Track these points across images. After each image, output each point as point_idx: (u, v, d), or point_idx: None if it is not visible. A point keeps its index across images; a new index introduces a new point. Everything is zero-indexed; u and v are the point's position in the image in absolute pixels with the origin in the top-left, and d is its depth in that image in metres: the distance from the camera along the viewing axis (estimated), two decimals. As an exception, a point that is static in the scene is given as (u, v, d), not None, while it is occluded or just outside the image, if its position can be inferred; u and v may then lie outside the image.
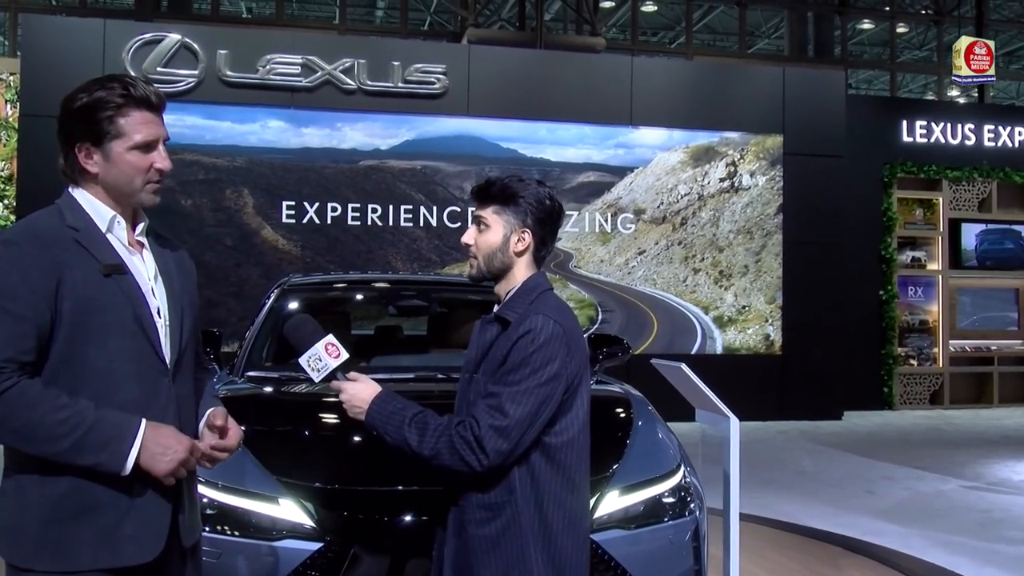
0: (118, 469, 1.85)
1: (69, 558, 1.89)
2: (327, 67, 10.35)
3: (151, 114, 2.01)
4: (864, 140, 12.27)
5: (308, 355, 2.18)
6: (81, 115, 1.94)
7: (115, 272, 1.95)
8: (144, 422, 1.87)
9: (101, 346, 1.90)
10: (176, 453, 1.89)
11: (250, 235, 10.25)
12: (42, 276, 1.86)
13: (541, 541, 2.11)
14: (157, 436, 1.88)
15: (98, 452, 1.83)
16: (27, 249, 1.88)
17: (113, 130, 1.95)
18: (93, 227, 1.97)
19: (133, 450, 1.84)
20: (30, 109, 9.84)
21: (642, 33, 18.65)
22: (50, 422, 1.81)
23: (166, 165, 2.03)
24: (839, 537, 5.82)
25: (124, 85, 1.98)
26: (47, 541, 1.89)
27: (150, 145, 1.99)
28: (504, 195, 2.25)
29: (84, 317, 1.89)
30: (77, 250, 1.92)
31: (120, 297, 1.94)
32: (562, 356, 2.12)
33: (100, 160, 1.97)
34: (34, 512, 1.89)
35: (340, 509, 2.89)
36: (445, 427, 2.10)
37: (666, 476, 3.19)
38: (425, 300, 5.19)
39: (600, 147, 11.13)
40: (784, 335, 11.37)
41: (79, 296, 1.89)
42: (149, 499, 1.95)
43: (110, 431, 1.84)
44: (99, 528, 1.90)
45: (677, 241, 11.25)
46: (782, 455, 8.92)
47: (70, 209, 1.98)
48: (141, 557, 1.94)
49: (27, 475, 1.91)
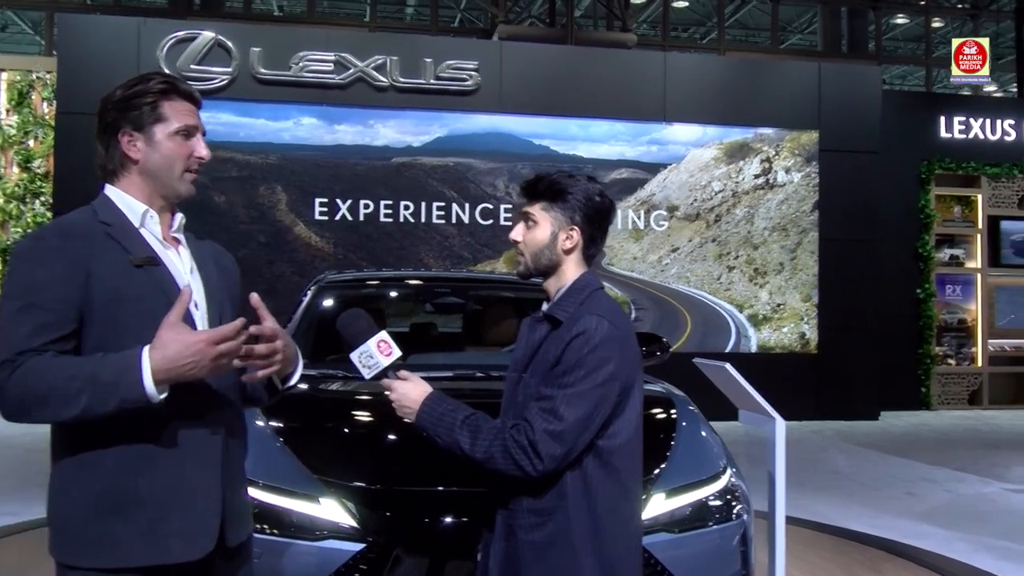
0: (143, 397, 1.78)
1: (115, 554, 1.86)
2: (359, 64, 10.34)
3: (190, 105, 2.06)
4: (901, 136, 12.10)
5: (360, 351, 2.12)
6: (124, 103, 1.99)
7: (147, 263, 1.94)
8: (146, 346, 1.80)
9: (136, 336, 1.87)
10: (194, 345, 1.80)
11: (283, 232, 10.27)
12: (69, 269, 1.86)
13: (592, 547, 2.06)
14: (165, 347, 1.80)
15: (116, 392, 1.78)
16: (55, 243, 1.89)
17: (155, 115, 1.99)
18: (125, 221, 1.99)
19: (146, 372, 1.78)
20: (66, 107, 9.92)
21: (673, 29, 18.51)
22: (61, 383, 1.78)
23: (205, 153, 2.06)
24: (880, 540, 5.72)
25: (164, 76, 2.04)
26: (92, 537, 1.87)
27: (190, 132, 2.03)
28: (552, 191, 2.20)
29: (116, 308, 1.88)
30: (108, 243, 1.93)
31: (153, 288, 1.93)
32: (616, 357, 2.07)
33: (142, 145, 1.99)
34: (79, 507, 1.88)
35: (382, 509, 2.86)
36: (498, 431, 2.04)
37: (712, 479, 3.13)
38: (462, 297, 5.15)
39: (633, 143, 11.05)
40: (820, 334, 11.23)
41: (109, 287, 1.88)
42: (195, 494, 1.93)
43: (116, 367, 1.79)
44: (144, 523, 1.87)
45: (711, 238, 11.14)
46: (817, 455, 8.81)
47: (103, 206, 2.00)
48: (189, 554, 1.91)
49: (70, 470, 1.90)
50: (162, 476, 1.89)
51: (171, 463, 1.90)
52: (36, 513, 5.74)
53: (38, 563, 4.78)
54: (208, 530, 1.94)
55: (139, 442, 1.87)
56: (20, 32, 19.10)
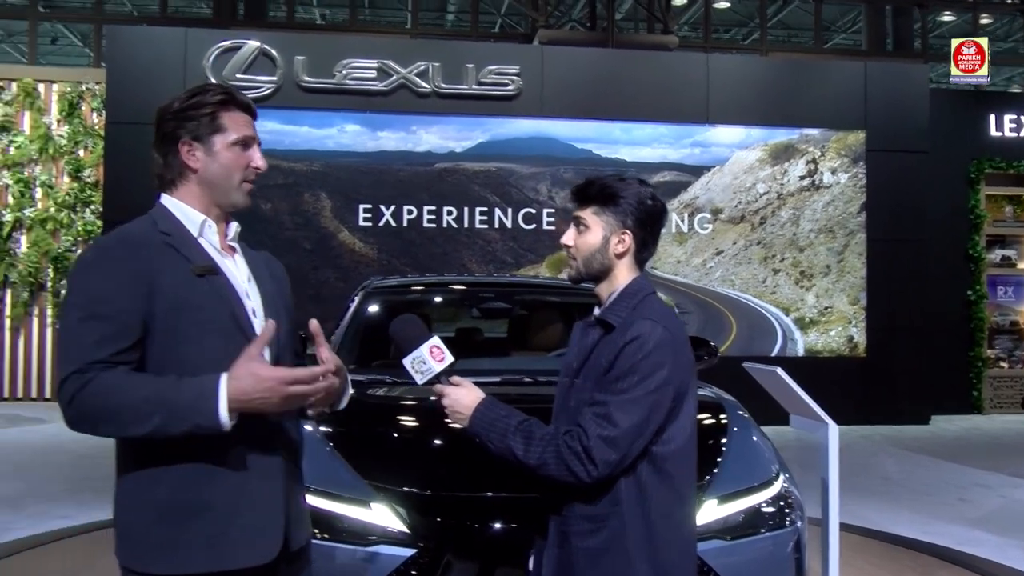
0: (217, 425, 1.80)
1: (182, 561, 1.88)
2: (402, 71, 10.41)
3: (247, 116, 2.08)
4: (950, 135, 11.89)
5: (412, 357, 2.12)
6: (183, 113, 2.01)
7: (208, 272, 1.96)
8: (225, 374, 1.82)
9: (200, 345, 1.90)
10: (267, 382, 1.82)
11: (327, 238, 10.36)
12: (133, 279, 1.88)
13: (647, 554, 2.03)
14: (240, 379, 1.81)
15: (190, 418, 1.79)
16: (118, 254, 1.91)
17: (214, 125, 2.01)
18: (184, 231, 2.01)
19: (221, 402, 1.79)
20: (115, 117, 10.10)
21: (714, 30, 18.37)
22: (134, 402, 1.79)
23: (263, 164, 2.09)
24: (932, 546, 5.61)
25: (223, 88, 2.06)
26: (158, 543, 1.89)
27: (247, 143, 2.05)
28: (604, 195, 2.18)
29: (179, 317, 1.90)
30: (169, 253, 1.95)
31: (214, 297, 1.95)
32: (671, 363, 2.05)
33: (202, 155, 2.01)
34: (145, 514, 1.90)
35: (433, 515, 2.86)
36: (552, 436, 2.03)
37: (765, 485, 3.09)
38: (507, 302, 5.15)
39: (676, 146, 10.99)
40: (868, 337, 11.07)
41: (172, 297, 1.90)
42: (259, 498, 1.94)
43: (194, 393, 1.80)
44: (210, 530, 1.89)
45: (756, 241, 11.04)
46: (866, 460, 8.68)
47: (161, 216, 2.02)
48: (255, 559, 1.93)
49: (135, 478, 1.92)
50: (226, 486, 1.90)
51: (235, 474, 1.92)
52: (89, 517, 5.84)
53: (91, 565, 4.88)
54: (273, 536, 1.96)
55: (204, 454, 1.88)
56: (70, 44, 19.45)
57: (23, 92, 11.64)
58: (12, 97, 11.66)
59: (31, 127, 11.67)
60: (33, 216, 11.53)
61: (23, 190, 11.53)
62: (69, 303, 1.90)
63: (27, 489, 6.79)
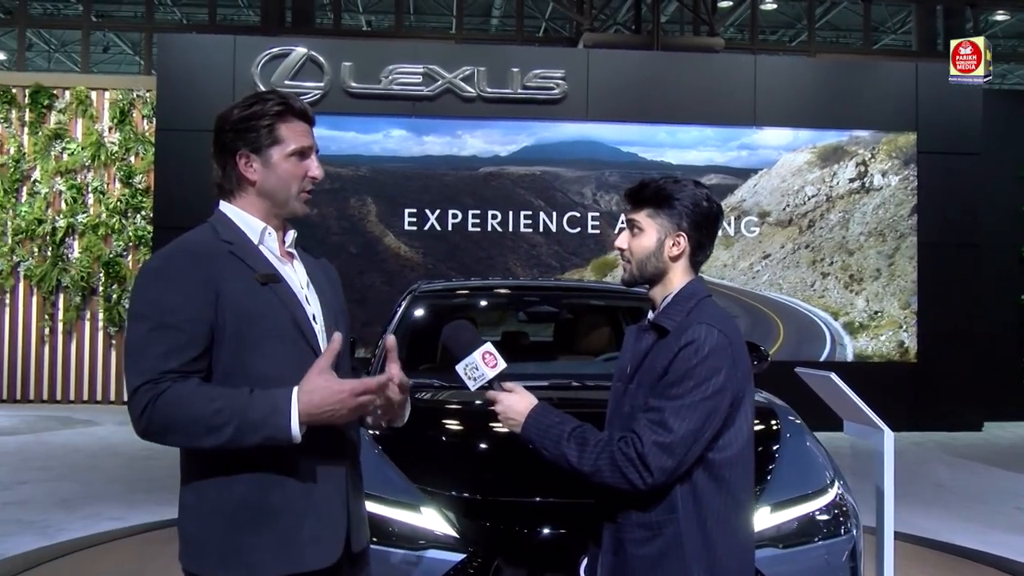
0: (287, 438, 1.82)
1: (252, 567, 1.90)
2: (447, 75, 10.44)
3: (305, 125, 2.08)
4: (1002, 136, 11.62)
5: (465, 363, 2.10)
6: (242, 124, 2.00)
7: (271, 281, 1.97)
8: (296, 388, 1.84)
9: (265, 353, 1.92)
10: (338, 395, 1.83)
11: (373, 243, 10.42)
12: (200, 289, 1.89)
13: (704, 563, 2.00)
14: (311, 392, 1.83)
15: (262, 430, 1.81)
16: (183, 264, 1.92)
17: (272, 137, 2.01)
18: (245, 239, 2.01)
19: (294, 416, 1.81)
20: (165, 124, 10.26)
21: (761, 32, 18.20)
22: (207, 414, 1.81)
23: (319, 173, 2.09)
24: (991, 557, 5.49)
25: (281, 97, 2.05)
26: (229, 550, 1.90)
27: (304, 153, 2.05)
28: (659, 197, 2.14)
29: (246, 325, 1.91)
30: (232, 261, 1.96)
31: (278, 304, 1.96)
32: (727, 368, 2.01)
33: (259, 167, 2.02)
34: (211, 521, 1.92)
35: (483, 520, 2.85)
36: (606, 443, 2.00)
37: (819, 492, 3.04)
38: (554, 306, 5.12)
39: (722, 149, 10.89)
40: (919, 342, 10.86)
41: (238, 305, 1.91)
42: (324, 501, 1.96)
43: (267, 407, 1.82)
44: (279, 534, 1.91)
45: (804, 244, 10.89)
46: (918, 468, 8.52)
47: (222, 224, 2.03)
48: (322, 561, 1.94)
49: (203, 485, 1.93)
50: (293, 491, 1.92)
51: (301, 479, 1.93)
52: (141, 518, 5.92)
53: (145, 566, 4.94)
54: (337, 538, 1.98)
55: (271, 461, 1.90)
56: (121, 53, 19.81)
57: (76, 100, 11.86)
58: (65, 105, 11.88)
59: (84, 134, 11.88)
60: (85, 222, 11.74)
61: (76, 196, 11.74)
62: (136, 313, 1.91)
63: (80, 490, 6.90)
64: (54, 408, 11.40)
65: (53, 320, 11.81)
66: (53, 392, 11.78)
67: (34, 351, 11.79)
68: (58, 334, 11.81)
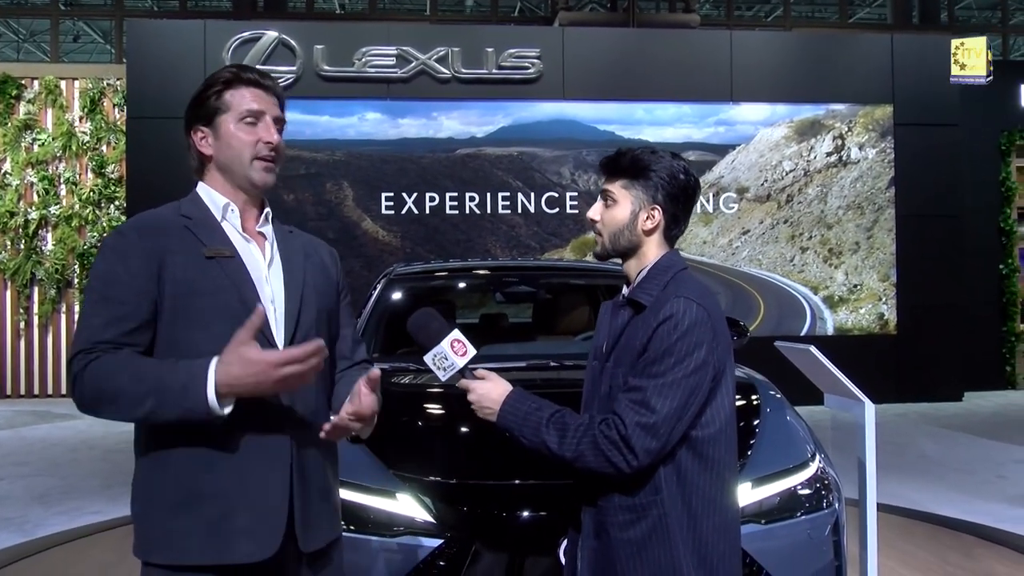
0: (205, 409, 1.75)
1: (178, 551, 1.85)
2: (421, 57, 10.34)
3: (260, 91, 2.03)
4: (979, 107, 11.66)
5: (433, 353, 2.03)
6: (196, 99, 2.01)
7: (218, 255, 1.93)
8: (215, 358, 1.76)
9: (207, 329, 1.86)
10: (256, 365, 1.74)
11: (351, 227, 10.33)
12: (142, 262, 1.88)
13: (691, 543, 1.94)
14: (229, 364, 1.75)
15: (181, 402, 1.75)
16: (132, 237, 1.91)
17: (220, 105, 1.99)
18: (207, 215, 1.99)
19: (210, 386, 1.74)
20: (136, 112, 10.11)
21: (737, 7, 18.14)
22: (130, 386, 1.77)
23: (274, 138, 2.02)
24: (973, 525, 5.51)
25: (235, 68, 2.05)
26: (161, 533, 1.86)
27: (256, 117, 2.00)
28: (634, 168, 2.08)
29: (187, 300, 1.88)
30: (185, 235, 1.94)
31: (225, 280, 1.91)
32: (708, 342, 1.93)
33: (212, 140, 2.00)
34: (153, 504, 1.89)
35: (460, 504, 2.80)
36: (587, 427, 1.93)
37: (800, 467, 3.00)
38: (532, 286, 5.08)
39: (700, 125, 10.85)
40: (899, 314, 10.90)
41: (180, 279, 1.88)
42: (260, 492, 1.88)
43: (184, 376, 1.76)
44: (205, 520, 1.85)
45: (783, 219, 10.89)
46: (901, 439, 8.54)
47: (189, 201, 2.02)
48: (254, 555, 1.86)
49: (145, 468, 1.92)
50: (226, 475, 1.86)
51: (235, 463, 1.87)
52: (120, 512, 5.85)
53: (123, 560, 4.88)
54: (273, 533, 1.89)
55: (206, 442, 1.85)
56: (92, 42, 19.55)
57: (45, 90, 11.68)
58: (35, 95, 11.70)
59: (54, 124, 11.71)
60: (58, 213, 11.59)
61: (48, 188, 11.58)
62: (87, 287, 1.92)
63: (59, 485, 6.82)
64: (31, 403, 11.28)
65: (28, 314, 11.67)
66: (30, 386, 11.65)
67: (9, 345, 11.65)
68: (34, 328, 11.67)
